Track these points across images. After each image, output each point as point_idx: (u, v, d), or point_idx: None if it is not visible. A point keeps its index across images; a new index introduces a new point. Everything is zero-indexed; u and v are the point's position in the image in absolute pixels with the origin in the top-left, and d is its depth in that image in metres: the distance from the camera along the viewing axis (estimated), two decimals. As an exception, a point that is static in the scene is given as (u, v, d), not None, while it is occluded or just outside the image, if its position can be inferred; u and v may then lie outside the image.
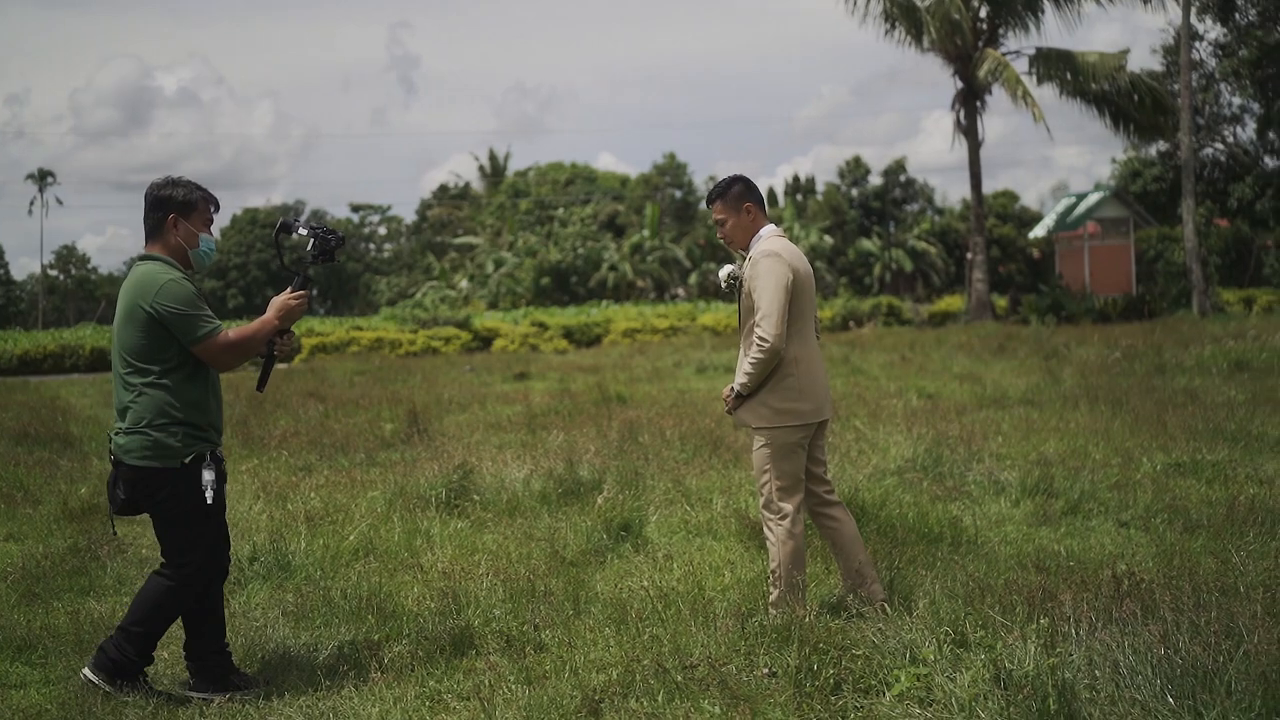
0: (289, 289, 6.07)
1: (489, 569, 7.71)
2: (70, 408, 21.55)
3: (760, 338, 6.42)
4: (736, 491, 10.07)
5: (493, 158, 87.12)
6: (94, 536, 9.40)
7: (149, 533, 9.85)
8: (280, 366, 30.06)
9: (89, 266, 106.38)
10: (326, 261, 6.17)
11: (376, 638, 6.43)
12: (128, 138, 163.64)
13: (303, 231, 6.12)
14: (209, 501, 5.75)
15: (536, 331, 42.16)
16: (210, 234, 6.05)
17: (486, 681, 5.67)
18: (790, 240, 6.73)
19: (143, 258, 5.94)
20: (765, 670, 5.59)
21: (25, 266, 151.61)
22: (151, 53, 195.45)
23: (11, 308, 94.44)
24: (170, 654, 6.62)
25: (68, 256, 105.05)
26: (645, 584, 7.28)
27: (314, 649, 6.38)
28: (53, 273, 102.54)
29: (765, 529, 6.62)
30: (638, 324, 42.94)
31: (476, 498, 10.10)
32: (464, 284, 70.30)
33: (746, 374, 6.52)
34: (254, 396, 21.22)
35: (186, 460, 5.71)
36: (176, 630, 6.72)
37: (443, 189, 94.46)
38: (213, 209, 6.08)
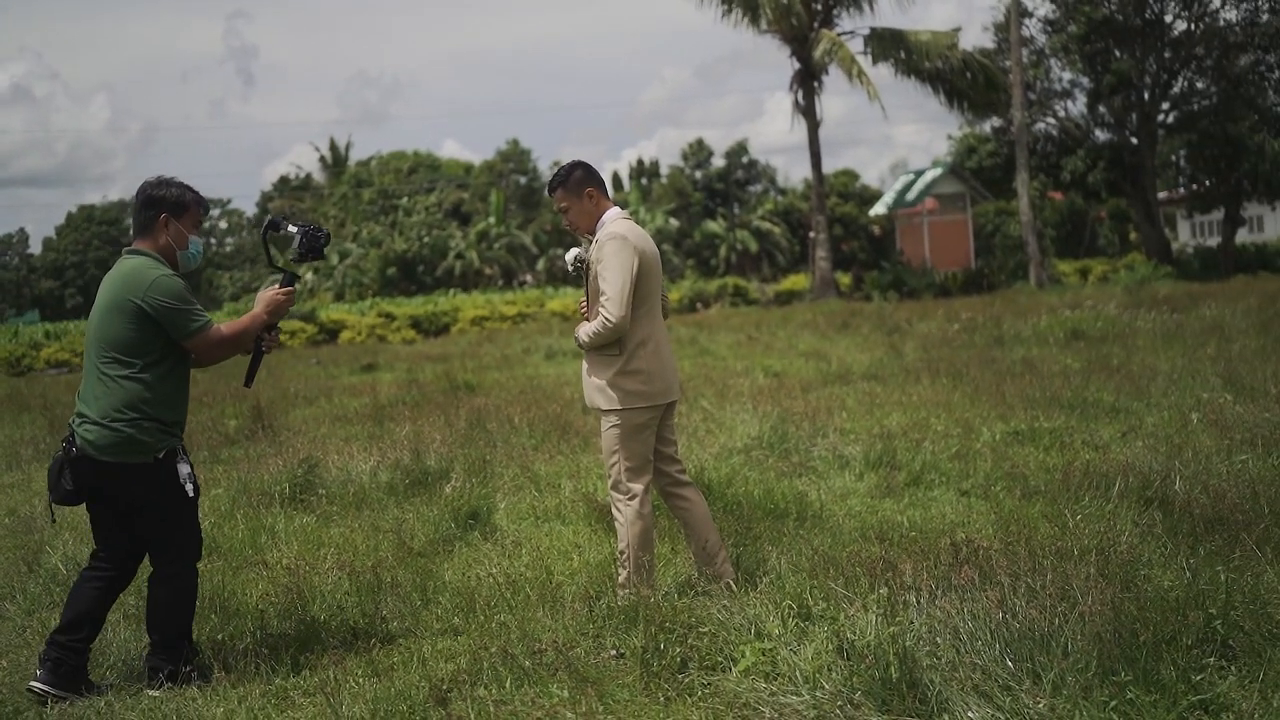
0: (276, 285, 6.10)
1: (335, 563, 7.63)
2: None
3: (605, 318, 6.43)
4: (585, 476, 10.09)
5: (334, 148, 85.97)
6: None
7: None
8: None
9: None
10: (316, 258, 6.19)
11: (220, 637, 6.33)
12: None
13: (292, 229, 6.14)
14: (191, 494, 5.83)
15: (384, 322, 41.76)
16: (199, 237, 6.04)
17: (333, 676, 5.62)
18: (636, 223, 6.74)
19: (130, 252, 5.92)
20: (612, 652, 5.62)
21: None
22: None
23: None
24: (8, 661, 6.46)
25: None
26: (493, 571, 7.28)
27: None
28: None
29: (614, 510, 6.64)
30: (486, 312, 42.78)
31: (322, 491, 9.99)
32: (309, 276, 69.38)
33: (588, 335, 6.56)
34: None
35: (159, 455, 5.72)
36: (30, 637, 6.60)
37: (284, 181, 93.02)
38: (203, 212, 6.08)
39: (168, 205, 5.95)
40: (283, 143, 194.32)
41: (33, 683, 5.80)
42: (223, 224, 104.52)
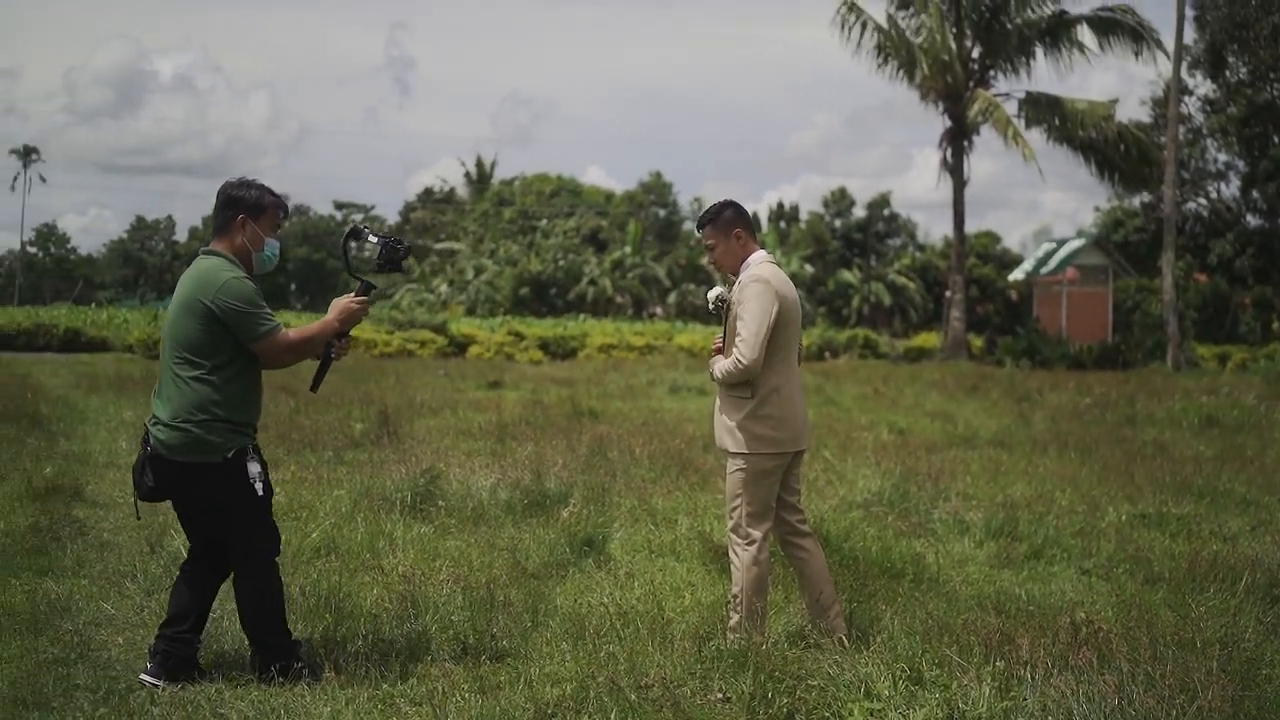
0: (353, 293, 6.14)
1: (450, 575, 7.68)
2: (41, 387, 21.50)
3: (738, 359, 6.44)
4: (702, 514, 10.07)
5: (480, 164, 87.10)
6: (55, 516, 9.38)
7: (111, 515, 9.87)
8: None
9: (68, 246, 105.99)
10: (393, 270, 6.23)
11: (334, 637, 6.40)
12: (119, 119, 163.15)
13: (373, 240, 6.18)
14: (259, 494, 5.85)
15: (512, 341, 42.15)
16: (276, 239, 6.10)
17: (440, 688, 5.65)
18: (779, 268, 6.73)
19: (206, 252, 5.99)
20: (719, 695, 5.58)
21: (4, 242, 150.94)
22: (149, 36, 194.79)
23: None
24: (125, 639, 6.60)
25: (48, 235, 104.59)
26: (605, 600, 7.28)
27: (269, 644, 6.35)
28: (32, 250, 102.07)
29: (731, 553, 6.63)
30: (614, 340, 42.98)
31: (442, 503, 10.08)
32: (443, 288, 70.25)
33: (722, 372, 6.57)
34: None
35: (229, 455, 5.75)
36: (147, 616, 6.74)
37: (428, 192, 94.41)
38: (281, 215, 6.14)
39: (246, 206, 5.99)
40: (430, 155, 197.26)
41: (143, 675, 5.90)
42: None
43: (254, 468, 5.84)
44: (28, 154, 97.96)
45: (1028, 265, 60.32)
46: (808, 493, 11.00)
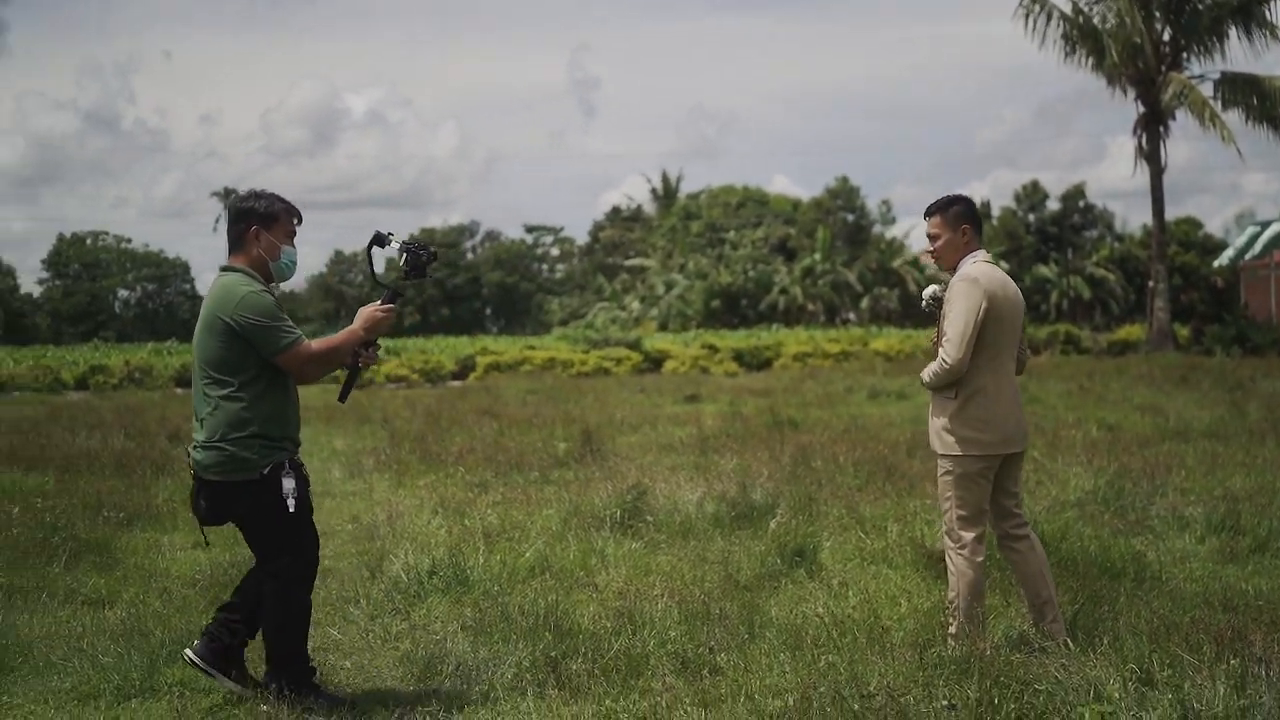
0: (379, 301, 6.06)
1: (663, 590, 7.73)
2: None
3: (942, 359, 6.39)
4: (911, 519, 9.95)
5: (665, 180, 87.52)
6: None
7: (331, 543, 10.13)
8: (454, 384, 30.52)
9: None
10: (418, 277, 6.11)
11: (553, 655, 6.48)
12: (314, 157, 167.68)
13: (395, 246, 6.08)
14: (291, 510, 5.78)
15: (707, 354, 42.24)
16: (292, 246, 6.08)
17: (662, 703, 5.68)
18: (997, 268, 6.60)
19: (224, 269, 6.00)
20: (945, 702, 5.51)
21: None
22: (340, 74, 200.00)
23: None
24: (352, 663, 6.77)
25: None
26: (820, 610, 7.23)
27: (493, 663, 6.46)
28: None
29: (946, 557, 6.56)
30: (808, 348, 42.79)
31: (650, 519, 10.15)
32: (635, 305, 70.74)
33: (929, 375, 6.53)
34: (430, 413, 21.63)
35: (264, 471, 5.76)
36: (372, 640, 6.90)
37: (615, 211, 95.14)
38: (295, 221, 6.10)
39: (257, 217, 5.97)
40: (617, 173, 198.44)
41: (188, 650, 6.09)
42: (554, 251, 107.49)
43: (288, 484, 5.78)
44: (227, 195, 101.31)
45: (1232, 250, 58.48)
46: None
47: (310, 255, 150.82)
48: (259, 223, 5.96)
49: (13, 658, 6.72)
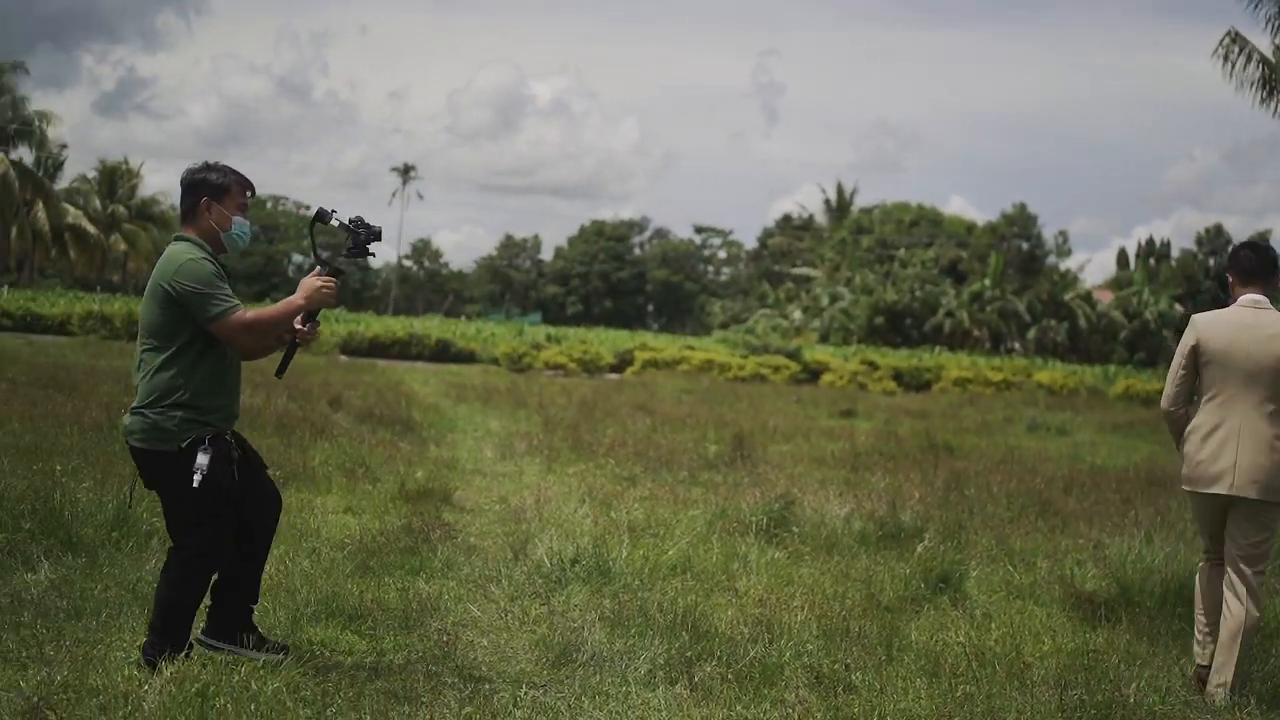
0: (316, 271, 5.96)
1: (803, 602, 7.67)
2: (413, 393, 22.53)
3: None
4: (1062, 558, 9.74)
5: (840, 191, 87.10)
6: (426, 519, 9.76)
7: (478, 521, 10.26)
8: (611, 377, 30.76)
9: (441, 261, 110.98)
10: (359, 255, 6.07)
11: (689, 655, 6.47)
12: (496, 140, 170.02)
13: (335, 224, 6.01)
14: (194, 485, 5.66)
15: (866, 370, 41.93)
16: (244, 218, 6.03)
17: (795, 715, 5.65)
18: (1243, 311, 6.60)
19: (176, 238, 5.98)
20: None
21: (383, 254, 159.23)
22: (529, 61, 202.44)
23: (366, 292, 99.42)
24: (490, 641, 6.83)
25: (423, 249, 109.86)
26: (961, 639, 7.13)
27: (627, 656, 6.48)
28: (407, 263, 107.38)
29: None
30: (970, 374, 42.20)
31: (795, 529, 10.08)
32: (797, 315, 70.49)
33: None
34: (585, 403, 21.78)
35: (183, 445, 5.72)
36: (510, 620, 6.95)
37: (786, 219, 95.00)
38: (248, 194, 6.05)
39: (208, 189, 5.91)
40: (792, 181, 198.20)
41: (199, 635, 6.06)
42: (721, 253, 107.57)
43: (202, 459, 5.67)
44: (407, 171, 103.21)
45: None
46: (1174, 541, 10.43)
47: (482, 238, 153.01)
48: (210, 194, 5.93)
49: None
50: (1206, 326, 6.60)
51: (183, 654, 5.74)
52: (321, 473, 11.68)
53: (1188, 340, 6.61)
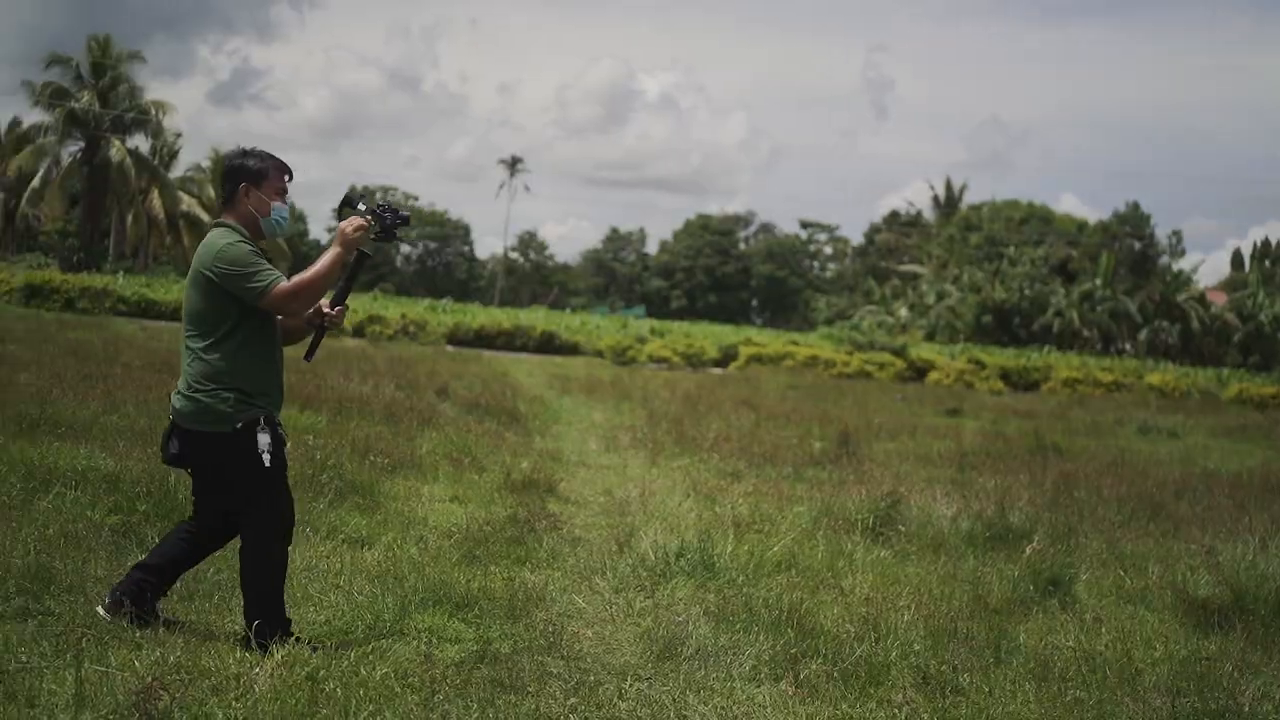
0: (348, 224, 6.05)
1: (910, 602, 7.60)
2: (518, 384, 22.66)
3: None
4: (1174, 563, 9.56)
5: (949, 188, 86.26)
6: (531, 509, 9.80)
7: (582, 512, 10.29)
8: (715, 371, 30.72)
9: (546, 253, 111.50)
10: (386, 240, 6.13)
11: (794, 652, 6.44)
12: (604, 134, 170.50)
13: (361, 208, 6.08)
14: (266, 465, 5.80)
15: (973, 369, 41.51)
16: (283, 203, 6.09)
17: (901, 716, 5.60)
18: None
19: (214, 224, 6.05)
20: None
21: (489, 246, 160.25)
22: (637, 56, 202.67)
23: (473, 283, 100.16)
24: (594, 633, 6.84)
25: (529, 241, 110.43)
26: (1070, 643, 7.04)
27: (733, 652, 6.45)
28: (514, 255, 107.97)
29: None
30: (1079, 374, 41.61)
31: (902, 528, 10.00)
32: (903, 312, 69.91)
33: None
34: (689, 396, 21.77)
35: (238, 425, 5.81)
36: (615, 612, 6.98)
37: (894, 215, 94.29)
38: (286, 178, 6.11)
39: (247, 174, 5.98)
40: (900, 178, 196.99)
41: (99, 608, 6.04)
42: (827, 249, 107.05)
43: (263, 439, 5.80)
44: (514, 163, 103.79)
45: None
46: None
47: (587, 231, 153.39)
48: (249, 180, 6.00)
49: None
50: None
51: (290, 636, 5.88)
52: (429, 461, 11.78)
53: None
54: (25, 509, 7.91)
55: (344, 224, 5.99)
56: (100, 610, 6.03)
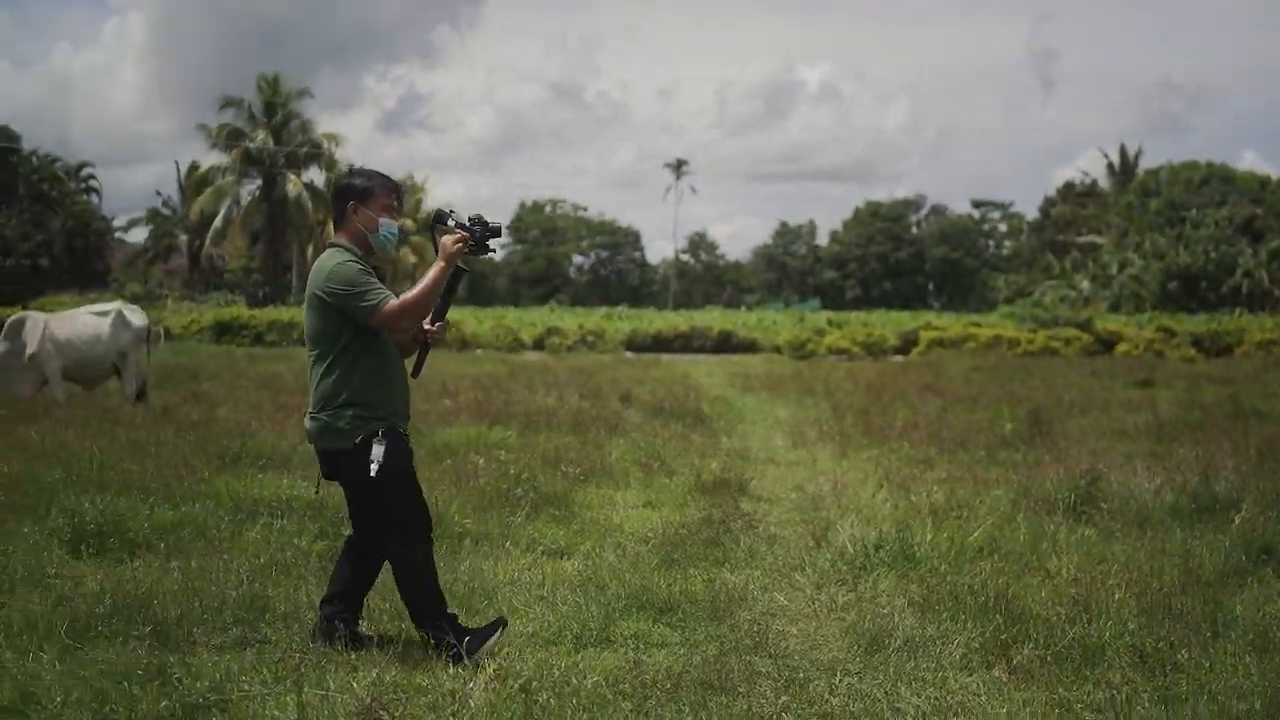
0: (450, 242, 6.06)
1: (1119, 580, 7.43)
2: (699, 386, 22.72)
3: None
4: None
5: (1123, 155, 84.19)
6: (725, 510, 9.82)
7: (775, 510, 10.28)
8: (896, 358, 30.48)
9: (717, 252, 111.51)
10: (480, 253, 6.12)
11: (1004, 637, 6.35)
12: (765, 130, 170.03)
13: (452, 224, 6.09)
14: (371, 474, 5.85)
15: (1162, 337, 40.49)
16: (391, 219, 6.15)
17: (1121, 696, 5.49)
18: None
19: (327, 245, 6.17)
20: None
21: (659, 250, 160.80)
22: (795, 49, 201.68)
23: (646, 289, 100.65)
24: (799, 629, 6.84)
25: (698, 242, 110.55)
26: (1289, 612, 6.84)
27: (941, 642, 6.40)
28: (684, 257, 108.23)
29: None
30: (1275, 335, 40.30)
31: (1104, 505, 9.79)
32: (1085, 285, 68.46)
33: None
34: (872, 386, 21.60)
35: (357, 441, 5.91)
36: (818, 608, 6.98)
37: (1068, 186, 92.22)
38: (393, 196, 6.18)
39: (354, 193, 6.09)
40: (1073, 148, 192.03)
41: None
42: (1002, 227, 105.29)
43: (377, 449, 5.86)
44: (679, 166, 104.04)
45: None
46: None
47: (756, 227, 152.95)
48: (356, 199, 6.12)
49: (479, 601, 7.10)
50: None
51: (456, 624, 6.09)
52: (619, 468, 11.88)
53: None
54: (235, 540, 8.19)
55: (444, 240, 6.06)
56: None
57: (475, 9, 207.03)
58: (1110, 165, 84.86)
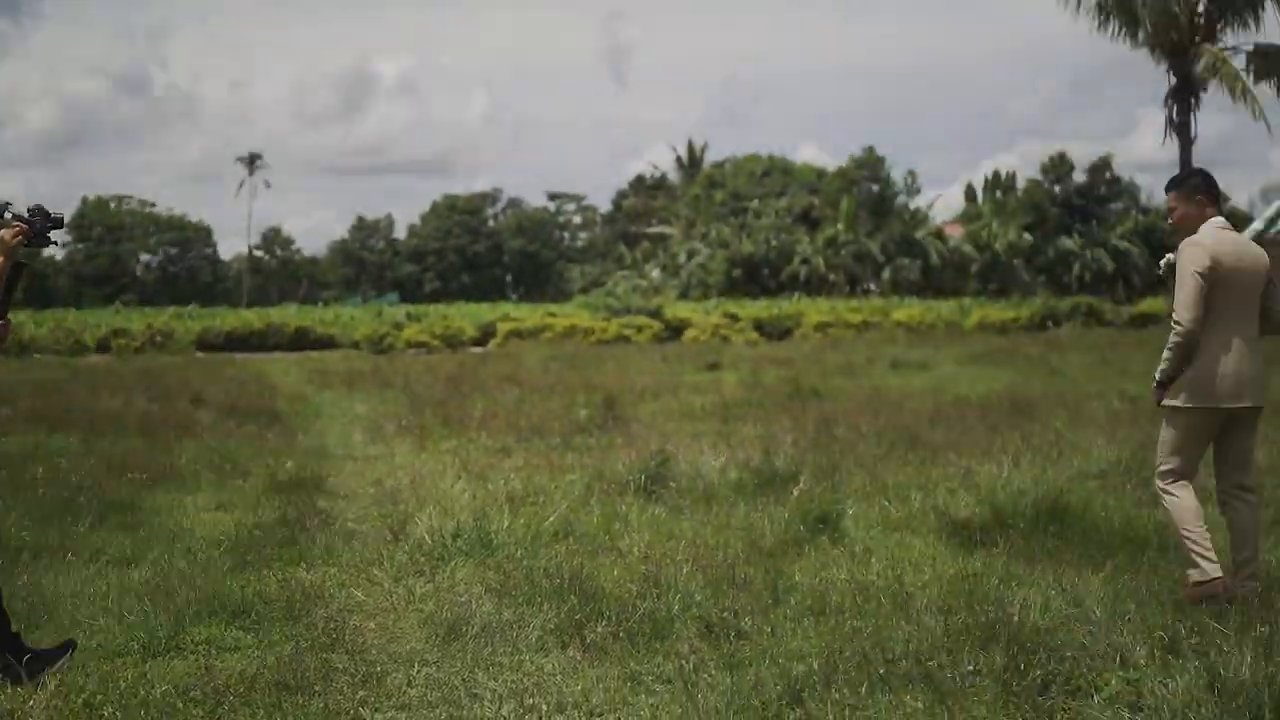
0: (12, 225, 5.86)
1: (687, 555, 7.72)
2: (276, 384, 22.25)
3: (1174, 323, 6.65)
4: (934, 488, 9.93)
5: (691, 149, 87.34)
6: (301, 508, 9.65)
7: (353, 506, 10.17)
8: (475, 350, 30.54)
9: (293, 248, 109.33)
10: (41, 245, 6.00)
11: (578, 617, 6.48)
12: (345, 123, 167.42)
13: (8, 216, 5.90)
14: None
15: (728, 323, 42.27)
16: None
17: (689, 665, 5.69)
18: (1231, 233, 6.84)
19: None
20: (970, 668, 5.48)
21: (233, 246, 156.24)
22: (371, 41, 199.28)
23: (219, 285, 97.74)
24: (377, 624, 6.79)
25: (273, 238, 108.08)
26: (844, 576, 7.25)
27: (518, 625, 6.47)
28: (258, 253, 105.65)
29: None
30: (830, 318, 42.78)
31: (673, 485, 10.14)
32: (655, 274, 70.70)
33: (1164, 359, 6.77)
34: (451, 378, 21.67)
35: None
36: (396, 601, 6.93)
37: (639, 179, 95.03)
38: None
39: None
40: (644, 142, 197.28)
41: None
42: (577, 219, 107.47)
43: None
44: (252, 160, 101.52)
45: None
46: (1041, 464, 10.70)
47: (333, 222, 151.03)
48: None
49: (38, 616, 6.74)
50: (1215, 246, 6.70)
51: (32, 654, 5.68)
52: (189, 471, 11.51)
53: (1201, 260, 6.59)
54: None
55: (1, 233, 5.71)
56: None
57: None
58: (679, 158, 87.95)
